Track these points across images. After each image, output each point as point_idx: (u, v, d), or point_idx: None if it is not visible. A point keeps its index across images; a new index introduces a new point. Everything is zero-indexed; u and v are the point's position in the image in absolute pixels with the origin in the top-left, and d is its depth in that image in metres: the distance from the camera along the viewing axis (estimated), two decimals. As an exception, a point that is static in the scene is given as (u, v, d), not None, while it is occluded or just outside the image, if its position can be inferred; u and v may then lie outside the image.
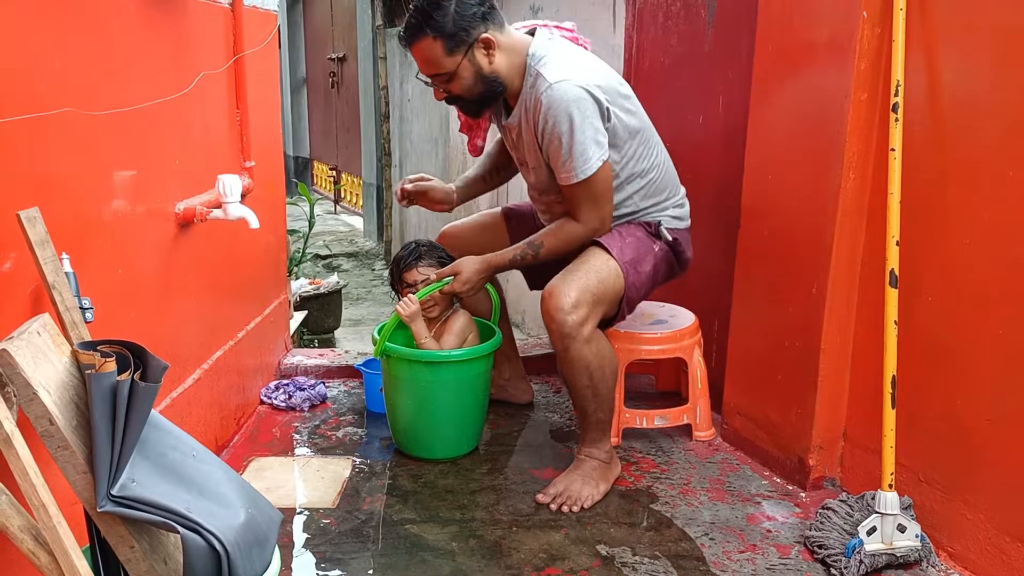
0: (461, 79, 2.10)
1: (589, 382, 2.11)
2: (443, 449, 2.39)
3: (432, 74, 2.13)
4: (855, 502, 1.96)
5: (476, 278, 2.27)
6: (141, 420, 1.26)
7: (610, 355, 2.15)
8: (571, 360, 2.08)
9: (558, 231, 2.21)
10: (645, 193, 2.25)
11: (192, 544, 1.25)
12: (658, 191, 2.28)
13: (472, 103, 2.17)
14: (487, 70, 2.10)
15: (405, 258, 2.41)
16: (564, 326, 2.04)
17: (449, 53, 2.06)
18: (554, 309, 2.05)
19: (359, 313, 5.63)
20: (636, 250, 2.19)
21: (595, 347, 2.09)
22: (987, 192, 1.76)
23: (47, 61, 1.48)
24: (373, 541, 1.97)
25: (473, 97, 2.15)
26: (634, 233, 2.24)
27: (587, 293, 2.06)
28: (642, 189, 2.24)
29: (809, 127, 2.12)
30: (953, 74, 1.82)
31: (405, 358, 2.29)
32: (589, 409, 2.16)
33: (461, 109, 2.25)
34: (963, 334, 1.83)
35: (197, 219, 2.06)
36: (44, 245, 1.38)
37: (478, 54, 2.08)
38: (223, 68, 2.32)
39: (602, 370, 2.12)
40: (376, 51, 6.97)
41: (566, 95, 2.03)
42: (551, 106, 2.04)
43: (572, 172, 2.08)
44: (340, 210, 9.48)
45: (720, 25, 2.67)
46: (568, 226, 2.19)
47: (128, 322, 1.78)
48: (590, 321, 2.07)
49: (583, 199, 2.13)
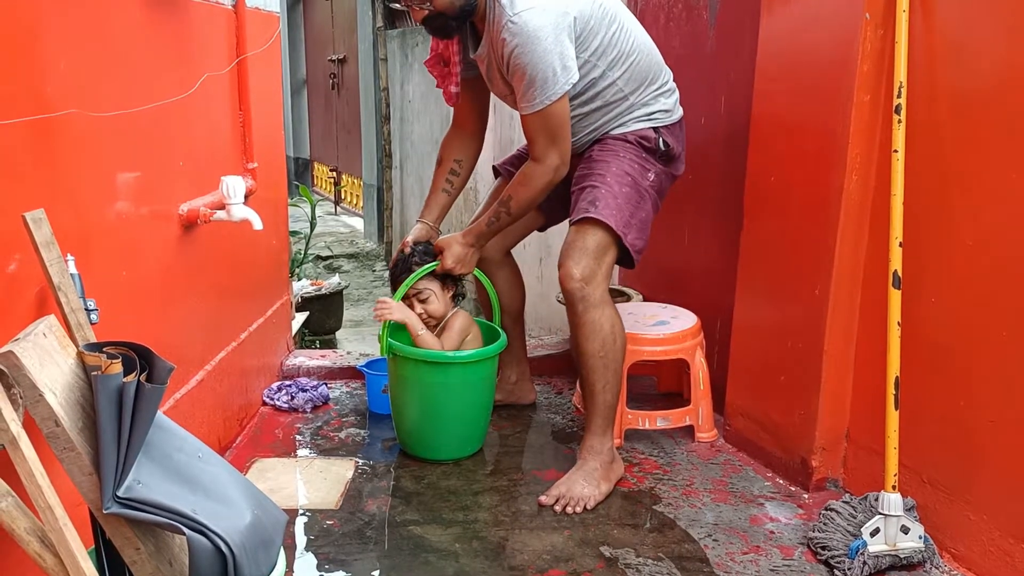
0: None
1: (601, 348, 2.15)
2: (448, 450, 2.39)
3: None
4: (858, 503, 1.96)
5: (463, 251, 2.31)
6: (147, 421, 1.26)
7: (620, 326, 2.21)
8: (584, 324, 2.15)
9: (521, 179, 2.22)
10: (629, 77, 2.24)
11: (198, 545, 1.25)
12: (642, 73, 2.26)
13: (452, 19, 2.13)
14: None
15: (397, 267, 2.41)
16: (576, 293, 2.14)
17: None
18: (566, 276, 2.15)
19: (360, 314, 5.63)
20: (629, 200, 2.21)
21: (609, 312, 2.17)
22: (990, 193, 1.76)
23: (52, 63, 1.48)
24: (376, 542, 1.97)
25: (454, 12, 2.11)
26: (627, 172, 2.23)
27: (591, 257, 2.15)
28: (626, 72, 2.23)
29: (812, 128, 2.13)
30: (955, 76, 1.82)
31: (411, 358, 2.29)
32: (598, 386, 2.18)
33: (437, 31, 2.20)
34: (966, 335, 1.83)
35: (201, 220, 2.06)
36: (50, 246, 1.38)
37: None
38: (226, 70, 2.32)
39: (614, 338, 2.17)
40: (377, 53, 6.97)
41: (532, 20, 2.02)
42: (517, 33, 2.02)
43: (529, 101, 2.09)
44: (341, 211, 9.48)
45: (722, 26, 2.67)
46: (528, 169, 2.20)
47: (132, 323, 1.78)
48: (601, 284, 2.16)
49: (539, 131, 2.14)
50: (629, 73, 2.24)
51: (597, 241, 2.16)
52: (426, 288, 2.36)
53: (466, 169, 2.52)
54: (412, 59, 6.34)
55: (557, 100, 2.08)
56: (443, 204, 2.52)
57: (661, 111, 2.31)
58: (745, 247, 2.40)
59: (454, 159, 2.50)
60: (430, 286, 2.36)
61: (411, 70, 6.38)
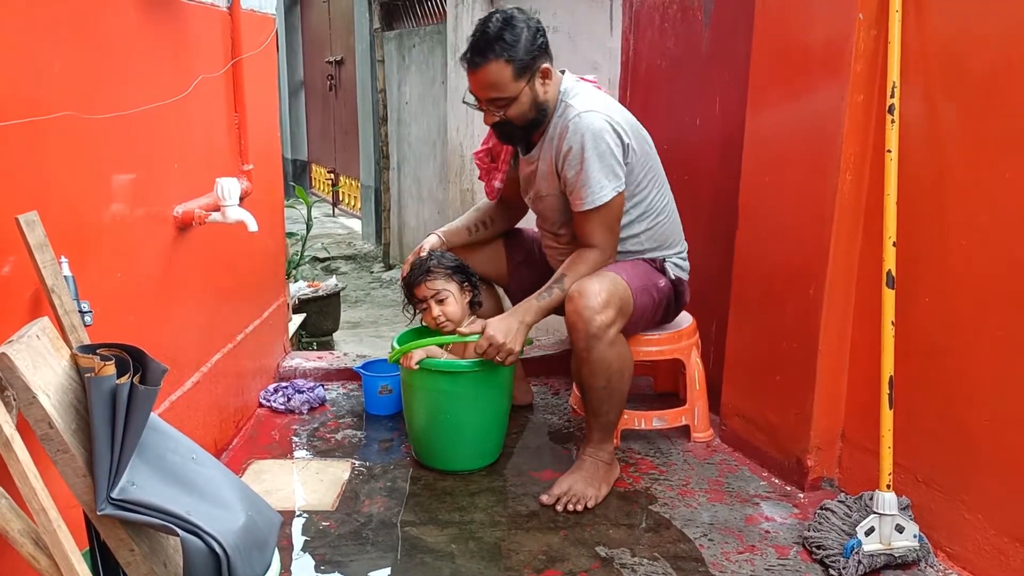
0: (520, 104, 2.15)
1: (606, 384, 2.13)
2: (461, 461, 2.33)
3: (493, 97, 2.15)
4: (853, 502, 1.96)
5: (513, 343, 2.14)
6: (141, 423, 1.26)
7: (629, 359, 2.18)
8: (593, 361, 2.10)
9: (577, 261, 2.22)
10: (652, 235, 2.31)
11: (192, 547, 1.25)
12: (664, 236, 2.34)
13: (520, 129, 2.22)
14: (541, 98, 2.18)
15: (414, 274, 2.37)
16: (591, 325, 2.06)
17: (516, 78, 2.12)
18: (583, 308, 2.07)
19: (357, 315, 5.63)
20: (643, 279, 2.25)
21: (617, 349, 2.12)
22: (984, 193, 1.77)
23: (46, 65, 1.48)
24: (372, 543, 1.97)
25: (524, 123, 2.20)
26: (640, 266, 2.29)
27: (615, 297, 2.10)
28: (650, 230, 2.31)
29: (806, 129, 2.13)
30: (949, 75, 1.83)
31: (421, 366, 2.24)
32: (602, 411, 2.18)
33: (504, 135, 2.28)
34: (960, 335, 1.84)
35: (196, 222, 2.06)
36: (43, 249, 1.38)
37: (537, 82, 2.16)
38: (221, 71, 2.32)
39: (621, 373, 2.14)
40: (374, 54, 6.97)
41: (592, 123, 2.12)
42: (576, 131, 2.13)
43: (587, 198, 2.14)
44: (338, 213, 9.49)
45: (716, 27, 2.68)
46: (586, 254, 2.22)
47: (127, 325, 1.78)
48: (616, 324, 2.11)
49: (597, 225, 2.19)
50: (654, 232, 2.31)
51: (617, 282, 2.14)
52: (444, 289, 2.33)
53: (495, 229, 2.58)
54: (409, 61, 6.34)
55: (616, 195, 2.15)
56: (461, 237, 2.54)
57: (673, 264, 2.38)
58: (740, 247, 2.40)
59: (488, 216, 2.56)
60: (448, 287, 2.34)
61: (408, 72, 6.38)
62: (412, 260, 2.44)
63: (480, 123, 4.26)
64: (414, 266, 2.40)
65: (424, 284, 2.34)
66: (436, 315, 2.32)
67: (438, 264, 2.36)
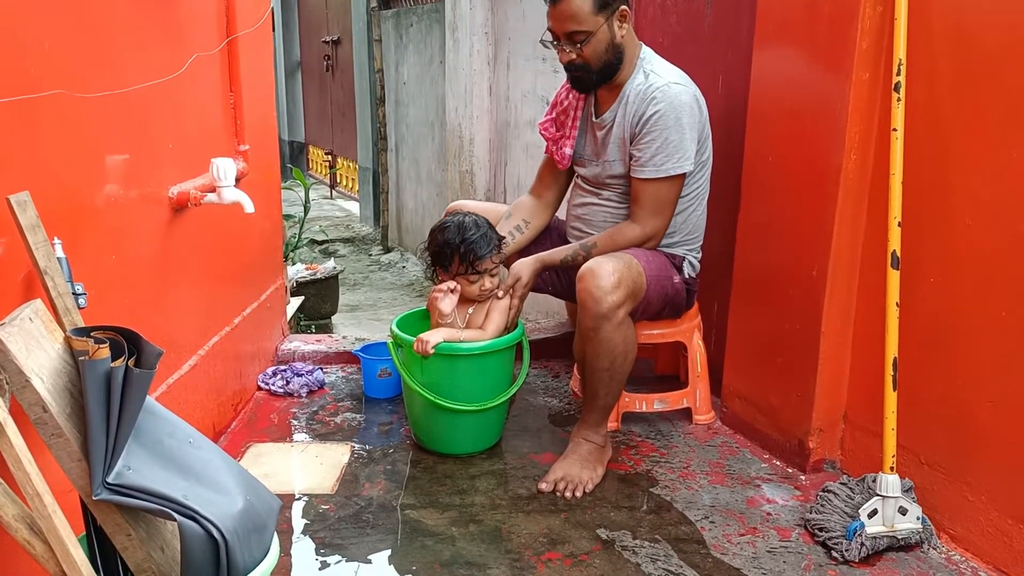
0: (597, 42, 2.15)
1: (609, 365, 2.12)
2: (460, 444, 2.32)
3: (571, 31, 2.14)
4: (856, 485, 1.95)
5: (533, 280, 2.30)
6: (136, 407, 1.25)
7: (634, 343, 2.16)
8: (599, 341, 2.09)
9: (615, 233, 2.25)
10: (684, 221, 2.33)
11: (189, 532, 1.24)
12: (693, 229, 2.37)
13: (594, 72, 2.20)
14: (618, 39, 2.18)
15: (478, 243, 2.20)
16: (601, 305, 2.05)
17: (596, 11, 2.12)
18: (594, 287, 2.05)
19: (356, 298, 5.60)
20: (659, 270, 2.25)
21: (624, 332, 2.11)
22: (989, 172, 1.74)
23: (37, 42, 1.45)
24: (372, 527, 1.96)
25: (598, 66, 2.19)
26: (659, 257, 2.29)
27: (628, 279, 2.09)
28: (685, 214, 2.32)
29: (810, 107, 2.10)
30: (955, 53, 1.80)
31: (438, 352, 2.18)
32: (600, 392, 2.17)
33: (576, 80, 2.25)
34: (965, 316, 1.82)
35: (191, 203, 2.03)
36: (35, 230, 1.36)
37: (615, 22, 2.16)
38: (216, 50, 2.28)
39: (624, 356, 2.13)
40: (371, 34, 6.90)
41: (681, 96, 2.16)
42: (665, 99, 2.14)
43: (658, 166, 2.16)
44: (336, 195, 9.43)
45: (720, 5, 2.64)
46: (625, 228, 2.24)
47: (122, 308, 1.76)
48: (626, 305, 2.10)
49: (653, 198, 2.20)
50: (686, 216, 2.32)
51: (632, 265, 2.13)
52: (496, 267, 2.27)
53: (532, 231, 2.51)
54: (407, 40, 6.28)
55: (677, 175, 2.19)
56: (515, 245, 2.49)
57: (690, 263, 2.38)
58: (742, 228, 2.38)
59: (523, 218, 2.52)
60: (496, 259, 2.27)
61: (406, 51, 6.31)
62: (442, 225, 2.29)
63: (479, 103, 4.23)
64: (471, 232, 2.22)
65: (490, 258, 2.24)
66: (488, 287, 2.26)
67: (495, 236, 2.28)
